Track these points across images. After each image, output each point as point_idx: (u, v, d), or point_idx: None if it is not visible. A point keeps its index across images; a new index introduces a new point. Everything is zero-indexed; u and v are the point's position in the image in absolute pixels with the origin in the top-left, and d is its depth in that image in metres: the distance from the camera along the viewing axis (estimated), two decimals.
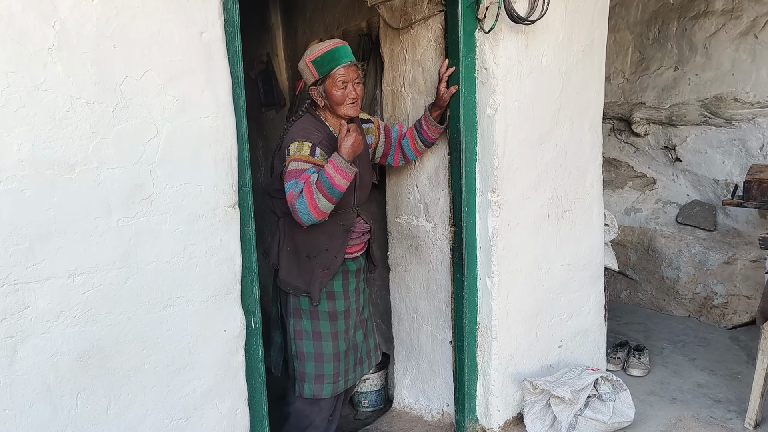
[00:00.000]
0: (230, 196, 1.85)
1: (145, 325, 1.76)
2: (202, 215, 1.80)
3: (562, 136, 2.56)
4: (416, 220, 2.73)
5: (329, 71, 2.17)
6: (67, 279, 1.62)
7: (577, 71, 2.56)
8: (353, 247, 2.37)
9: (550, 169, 2.54)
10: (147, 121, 1.67)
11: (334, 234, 2.29)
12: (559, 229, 2.63)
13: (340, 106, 2.22)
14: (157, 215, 1.72)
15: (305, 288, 2.29)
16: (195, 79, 1.73)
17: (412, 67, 2.60)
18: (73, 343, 1.65)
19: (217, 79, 1.77)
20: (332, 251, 2.29)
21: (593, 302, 2.86)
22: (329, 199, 2.03)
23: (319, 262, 2.28)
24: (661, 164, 4.23)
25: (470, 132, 2.38)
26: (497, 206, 2.38)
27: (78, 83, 1.57)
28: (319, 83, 2.21)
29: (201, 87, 1.75)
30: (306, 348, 2.35)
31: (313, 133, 2.19)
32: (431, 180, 2.62)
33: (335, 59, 2.17)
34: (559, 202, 2.60)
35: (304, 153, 2.12)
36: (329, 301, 2.34)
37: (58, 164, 1.56)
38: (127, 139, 1.65)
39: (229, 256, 1.87)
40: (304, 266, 2.29)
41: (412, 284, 2.80)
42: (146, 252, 1.72)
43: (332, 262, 2.29)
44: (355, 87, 2.22)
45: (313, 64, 2.19)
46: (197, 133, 1.76)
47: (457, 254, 2.48)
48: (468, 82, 2.33)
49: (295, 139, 2.16)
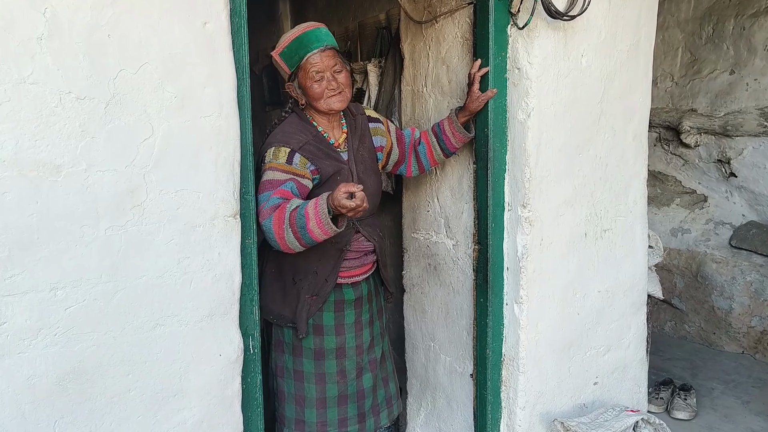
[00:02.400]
0: (231, 204, 1.86)
1: (133, 347, 1.77)
2: (199, 225, 1.81)
3: (602, 145, 2.56)
4: (435, 236, 2.72)
5: (299, 62, 2.13)
6: (49, 293, 1.63)
7: (620, 73, 2.56)
8: (352, 270, 2.33)
9: (588, 183, 2.54)
10: (142, 119, 1.69)
11: (325, 254, 2.24)
12: (597, 250, 2.62)
13: (319, 101, 2.17)
14: (149, 224, 1.74)
15: (291, 317, 2.25)
16: (196, 74, 1.75)
17: (435, 65, 2.61)
18: (52, 365, 1.67)
19: (220, 75, 1.79)
20: (322, 274, 2.24)
21: (634, 334, 2.84)
22: (299, 239, 1.94)
23: (307, 286, 2.24)
24: (713, 179, 4.21)
25: (499, 139, 2.39)
26: (528, 223, 2.38)
27: (68, 76, 1.59)
28: (293, 78, 2.18)
29: (202, 83, 1.77)
30: (287, 387, 2.31)
31: (294, 137, 2.15)
32: (454, 191, 2.62)
33: (303, 46, 2.12)
34: (598, 220, 2.60)
35: (280, 161, 2.08)
36: (316, 336, 2.28)
37: (44, 165, 1.59)
38: (120, 138, 1.67)
39: (228, 272, 1.88)
40: (290, 291, 2.25)
41: (429, 308, 2.79)
42: (136, 265, 1.74)
43: (322, 287, 2.24)
44: (336, 75, 2.16)
45: (281, 58, 2.17)
46: (197, 133, 1.78)
47: (481, 276, 2.48)
48: (498, 83, 2.34)
49: (272, 144, 2.13)
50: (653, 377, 3.38)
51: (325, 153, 2.21)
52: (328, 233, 1.92)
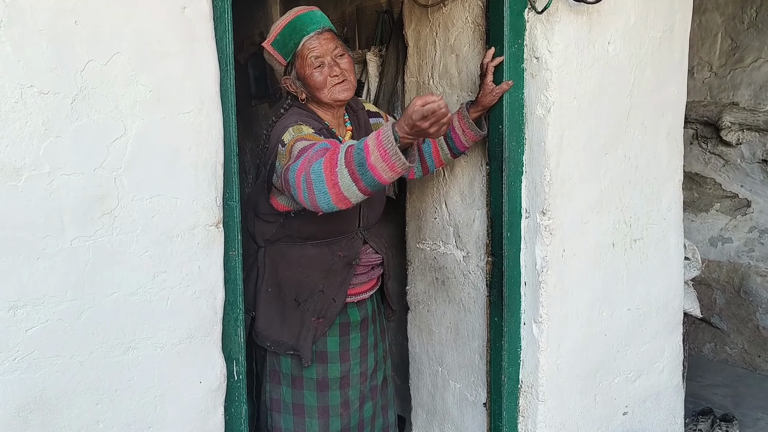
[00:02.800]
0: (213, 212, 1.86)
1: (102, 373, 1.76)
2: (177, 236, 1.81)
3: (632, 144, 2.56)
4: (444, 247, 2.73)
5: (294, 49, 2.12)
6: (7, 312, 1.63)
7: (652, 63, 2.56)
8: (359, 286, 2.33)
9: (616, 186, 2.54)
10: (113, 116, 1.69)
11: (332, 269, 2.25)
12: (627, 262, 2.62)
13: (322, 91, 2.15)
14: (121, 234, 1.74)
15: (292, 344, 2.24)
16: (174, 66, 1.76)
17: (443, 53, 2.62)
18: (11, 394, 1.66)
19: (201, 66, 1.79)
20: (329, 292, 2.24)
21: (668, 357, 2.83)
22: (356, 180, 1.73)
23: (312, 307, 2.23)
24: (757, 182, 4.21)
25: (516, 137, 2.39)
26: (548, 231, 2.38)
27: (30, 68, 1.59)
28: (289, 69, 2.17)
29: (181, 75, 1.77)
30: (284, 424, 2.29)
31: (309, 121, 2.14)
32: (464, 196, 2.63)
33: (298, 30, 2.11)
34: (628, 229, 2.60)
35: (306, 132, 2.02)
36: (319, 364, 2.28)
37: (2, 168, 1.58)
38: (88, 138, 1.67)
39: (209, 288, 1.88)
40: (292, 314, 2.24)
41: (437, 328, 2.79)
42: (106, 280, 1.74)
43: (329, 307, 2.24)
44: (337, 60, 2.15)
45: (274, 48, 2.16)
46: (175, 132, 1.78)
47: (496, 291, 2.48)
48: (514, 74, 2.35)
49: (287, 126, 2.09)
50: (690, 406, 3.36)
51: None
52: (394, 167, 1.71)
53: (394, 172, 1.73)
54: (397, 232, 3.21)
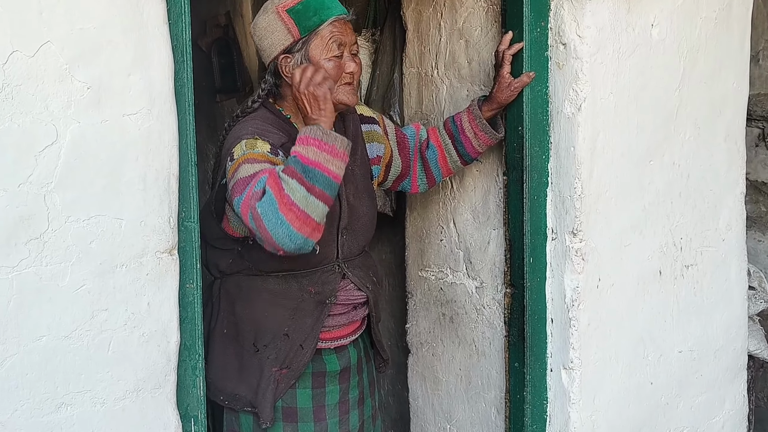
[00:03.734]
0: (166, 235, 1.86)
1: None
2: (121, 265, 1.81)
3: (682, 148, 2.56)
4: (452, 276, 2.72)
5: (317, 26, 2.14)
6: None
7: (706, 50, 2.57)
8: (336, 329, 2.31)
9: (663, 201, 2.54)
10: (43, 119, 1.69)
11: (301, 308, 2.23)
12: (677, 294, 2.61)
13: None
14: (52, 264, 1.73)
15: (250, 398, 2.22)
16: (118, 57, 1.75)
17: (449, 39, 2.62)
18: None
19: (151, 57, 1.80)
20: (296, 337, 2.22)
21: (730, 410, 2.82)
22: (309, 187, 1.85)
23: (274, 355, 2.21)
24: None
25: (539, 141, 2.39)
26: (580, 256, 2.38)
27: None
28: (299, 47, 2.17)
29: (126, 69, 1.77)
30: None
31: (271, 132, 2.15)
32: (477, 213, 2.62)
33: (326, 6, 2.15)
34: (678, 253, 2.60)
35: (259, 150, 2.06)
36: (287, 423, 2.25)
37: None
38: (11, 146, 1.66)
39: (161, 330, 1.88)
40: (250, 362, 2.23)
41: (444, 376, 2.78)
42: (33, 321, 1.73)
43: (296, 355, 2.22)
44: (354, 58, 2.21)
45: (290, 15, 2.15)
46: (118, 138, 1.77)
47: (516, 330, 2.47)
48: (537, 64, 2.35)
49: (242, 136, 2.11)
50: None
51: None
52: (335, 150, 1.91)
53: (338, 156, 1.90)
54: (394, 257, 3.20)
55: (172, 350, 1.90)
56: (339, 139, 1.92)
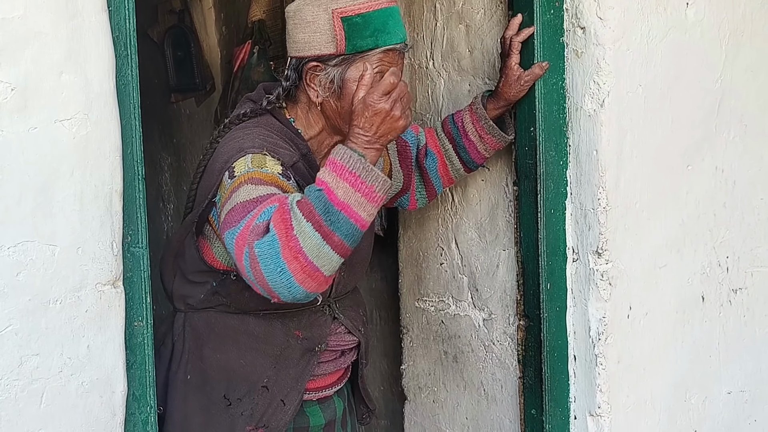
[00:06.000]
0: (108, 264, 1.84)
1: None
2: (54, 301, 1.79)
3: (725, 150, 2.57)
4: (455, 306, 2.71)
5: (369, 48, 2.10)
6: None
7: (752, 32, 2.58)
8: (321, 378, 2.31)
9: (704, 213, 2.54)
10: None
11: (285, 355, 2.22)
12: (724, 324, 2.61)
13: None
14: None
15: None
16: (47, 52, 1.74)
17: (447, 23, 2.62)
18: None
19: (87, 51, 1.78)
20: (277, 391, 2.21)
21: None
22: (327, 234, 1.75)
23: (249, 411, 2.20)
24: None
25: (555, 143, 2.38)
26: (606, 281, 2.36)
27: None
28: (336, 63, 2.13)
29: (58, 65, 1.75)
30: None
31: (281, 148, 2.11)
32: (483, 230, 2.62)
33: (387, 30, 2.11)
34: (723, 274, 2.60)
35: (268, 170, 1.99)
36: None
37: None
38: None
39: (104, 378, 1.86)
40: (218, 418, 2.21)
41: (448, 426, 2.77)
42: None
43: (275, 413, 2.21)
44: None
45: (343, 24, 2.11)
46: (50, 149, 1.76)
47: (532, 371, 2.46)
48: (550, 52, 2.35)
49: (247, 149, 2.05)
50: None
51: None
52: (373, 192, 1.79)
53: (374, 201, 1.79)
54: (386, 284, 3.20)
55: (117, 402, 1.87)
56: (380, 180, 1.80)
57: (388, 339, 3.18)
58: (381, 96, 1.86)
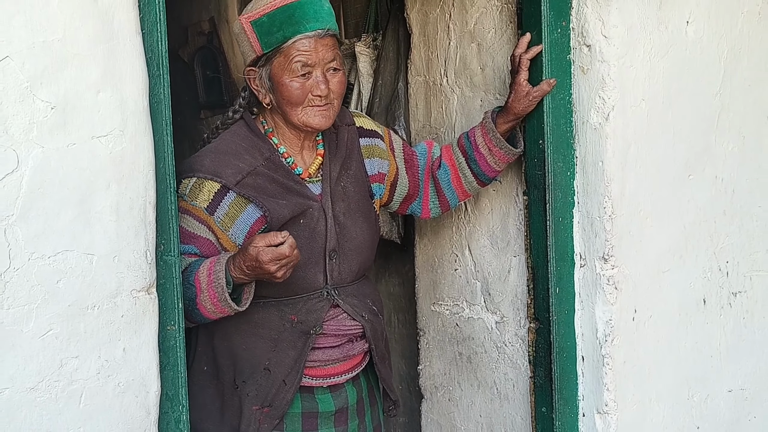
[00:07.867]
0: (142, 272, 1.86)
1: None
2: (92, 307, 1.81)
3: (725, 160, 2.56)
4: (469, 309, 2.73)
5: (280, 42, 2.16)
6: None
7: (749, 48, 2.57)
8: (330, 365, 2.33)
9: (705, 220, 2.54)
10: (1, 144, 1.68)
11: (282, 338, 2.25)
12: (725, 325, 2.61)
13: (294, 108, 2.21)
14: (14, 308, 1.72)
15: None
16: (85, 72, 1.76)
17: (459, 42, 2.63)
18: None
19: (122, 71, 1.80)
20: (278, 372, 2.24)
21: None
22: (187, 315, 2.07)
23: (254, 391, 2.23)
24: None
25: (563, 155, 2.40)
26: (613, 285, 2.38)
27: None
28: (262, 63, 2.21)
29: (95, 85, 1.77)
30: None
31: (232, 162, 2.20)
32: (495, 238, 2.63)
33: (294, 22, 2.15)
34: (724, 278, 2.59)
35: (198, 203, 2.17)
36: None
37: None
38: None
39: (139, 379, 1.87)
40: (230, 400, 2.26)
41: (463, 424, 2.78)
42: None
43: (278, 392, 2.24)
44: (329, 77, 2.21)
45: (253, 27, 2.19)
46: (88, 164, 1.78)
47: (543, 371, 2.47)
48: (558, 69, 2.36)
49: (194, 170, 2.19)
50: None
51: (281, 187, 2.22)
52: (224, 311, 2.12)
53: (223, 314, 2.13)
54: (404, 289, 3.20)
55: (151, 402, 1.89)
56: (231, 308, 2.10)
57: (405, 341, 3.19)
58: (271, 260, 1.98)
